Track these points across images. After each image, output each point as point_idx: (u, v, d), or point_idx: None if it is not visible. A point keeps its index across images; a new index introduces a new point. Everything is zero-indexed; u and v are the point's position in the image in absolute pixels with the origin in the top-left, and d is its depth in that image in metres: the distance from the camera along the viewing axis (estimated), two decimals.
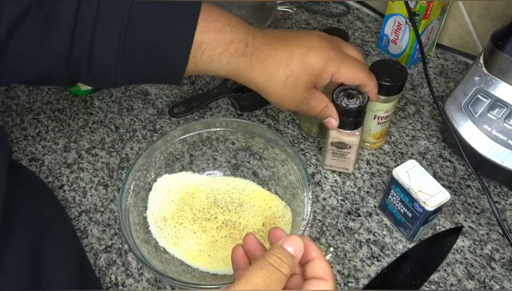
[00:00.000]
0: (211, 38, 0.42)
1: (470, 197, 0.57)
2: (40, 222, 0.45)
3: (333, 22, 0.82)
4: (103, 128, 0.65)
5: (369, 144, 0.61)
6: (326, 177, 0.59)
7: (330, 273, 0.34)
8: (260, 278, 0.31)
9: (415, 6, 0.65)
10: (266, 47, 0.45)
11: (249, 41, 0.44)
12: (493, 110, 0.53)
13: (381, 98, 0.54)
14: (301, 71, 0.45)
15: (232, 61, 0.43)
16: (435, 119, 0.65)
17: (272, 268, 0.31)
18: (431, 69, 0.73)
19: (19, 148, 0.63)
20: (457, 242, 0.52)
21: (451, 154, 0.61)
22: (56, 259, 0.43)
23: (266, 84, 0.45)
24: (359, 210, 0.56)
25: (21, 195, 0.45)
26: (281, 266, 0.32)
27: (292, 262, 0.33)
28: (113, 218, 0.55)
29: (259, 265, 0.31)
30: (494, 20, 0.66)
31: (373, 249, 0.52)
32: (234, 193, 0.55)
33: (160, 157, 0.54)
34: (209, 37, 0.42)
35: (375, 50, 0.76)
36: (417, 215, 0.48)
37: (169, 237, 0.51)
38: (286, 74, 0.45)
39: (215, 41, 0.42)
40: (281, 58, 0.44)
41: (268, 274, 0.31)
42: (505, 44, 0.51)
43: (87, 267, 0.49)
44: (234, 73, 0.45)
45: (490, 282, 0.49)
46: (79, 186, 0.59)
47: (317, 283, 0.33)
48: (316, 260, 0.34)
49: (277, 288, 0.31)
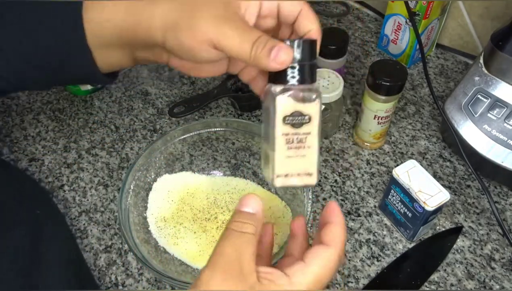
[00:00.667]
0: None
1: (470, 197, 0.57)
2: (33, 221, 0.45)
3: (333, 22, 0.82)
4: (103, 128, 0.65)
5: (369, 144, 0.61)
6: (326, 177, 0.59)
7: (338, 240, 0.32)
8: (230, 247, 0.30)
9: (415, 6, 0.65)
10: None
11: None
12: (493, 110, 0.53)
13: (381, 98, 0.54)
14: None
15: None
16: (435, 119, 0.65)
17: (236, 233, 0.31)
18: (431, 69, 0.73)
19: (19, 148, 0.63)
20: (457, 242, 0.52)
21: (451, 154, 0.61)
22: (50, 260, 0.43)
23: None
24: (359, 210, 0.56)
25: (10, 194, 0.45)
26: (244, 228, 0.31)
27: (253, 218, 0.32)
28: (113, 218, 0.55)
29: (224, 236, 0.31)
30: (494, 20, 0.66)
31: (373, 249, 0.52)
32: (234, 193, 0.55)
33: (160, 157, 0.54)
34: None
35: (375, 50, 0.76)
36: (417, 215, 0.48)
37: (169, 237, 0.51)
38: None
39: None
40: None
41: (234, 240, 0.31)
42: (505, 44, 0.51)
43: (83, 267, 0.49)
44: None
45: (490, 282, 0.49)
46: (79, 186, 0.59)
47: (317, 250, 0.32)
48: (330, 225, 0.33)
49: (249, 249, 0.30)
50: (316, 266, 0.31)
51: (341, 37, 0.62)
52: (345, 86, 0.65)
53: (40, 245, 0.43)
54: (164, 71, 0.73)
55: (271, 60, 0.32)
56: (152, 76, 0.73)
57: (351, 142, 0.63)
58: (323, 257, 0.31)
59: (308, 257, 0.31)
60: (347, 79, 0.71)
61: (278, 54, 0.32)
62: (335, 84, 0.57)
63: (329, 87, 0.57)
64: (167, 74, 0.73)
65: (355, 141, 0.63)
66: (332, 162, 0.61)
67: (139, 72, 0.73)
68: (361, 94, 0.69)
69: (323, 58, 0.62)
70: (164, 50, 0.37)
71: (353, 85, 0.70)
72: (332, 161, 0.61)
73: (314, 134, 0.34)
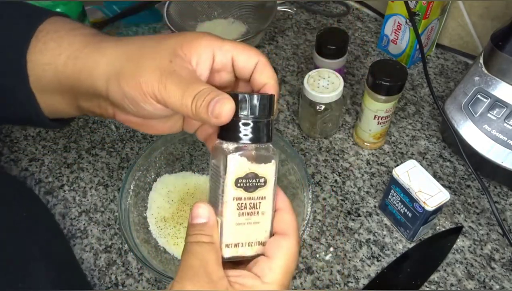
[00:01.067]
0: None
1: (470, 197, 0.57)
2: (19, 223, 0.45)
3: (333, 22, 0.82)
4: (103, 128, 0.65)
5: (369, 144, 0.61)
6: (326, 177, 0.59)
7: (292, 227, 0.32)
8: (193, 259, 0.30)
9: (415, 6, 0.65)
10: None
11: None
12: (493, 110, 0.53)
13: (381, 98, 0.54)
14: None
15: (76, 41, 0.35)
16: (435, 119, 0.65)
17: (195, 245, 0.30)
18: (431, 69, 0.73)
19: (19, 148, 0.63)
20: (457, 242, 0.52)
21: (451, 154, 0.61)
22: (35, 260, 0.42)
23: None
24: (359, 210, 0.56)
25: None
26: (201, 238, 0.30)
27: (206, 227, 0.31)
28: (113, 218, 0.55)
29: (185, 250, 0.31)
30: (494, 20, 0.66)
31: (373, 249, 0.52)
32: None
33: (160, 157, 0.54)
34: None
35: (375, 50, 0.76)
36: (417, 215, 0.48)
37: (169, 237, 0.51)
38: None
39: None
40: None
41: (195, 251, 0.30)
42: (505, 44, 0.51)
43: (74, 267, 0.49)
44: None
45: (490, 282, 0.49)
46: (79, 186, 0.59)
47: (277, 242, 0.31)
48: (280, 213, 0.32)
49: (212, 256, 0.30)
50: (280, 259, 0.31)
51: (341, 37, 0.62)
52: (345, 86, 0.65)
53: (26, 246, 0.43)
54: None
55: (209, 113, 0.29)
56: None
57: (351, 142, 0.63)
58: (285, 247, 0.31)
59: (270, 250, 0.31)
60: (347, 79, 0.71)
61: (215, 107, 0.29)
62: (335, 84, 0.57)
63: (329, 87, 0.57)
64: None
65: (355, 141, 0.63)
66: (332, 162, 0.61)
67: None
68: (361, 94, 0.69)
69: (323, 58, 0.62)
70: (109, 103, 0.35)
71: (353, 85, 0.70)
72: (332, 161, 0.61)
73: (269, 199, 0.31)
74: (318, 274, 0.50)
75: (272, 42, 0.78)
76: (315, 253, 0.52)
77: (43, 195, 0.58)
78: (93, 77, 0.33)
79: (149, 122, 0.36)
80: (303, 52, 0.76)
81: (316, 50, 0.63)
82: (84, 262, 0.52)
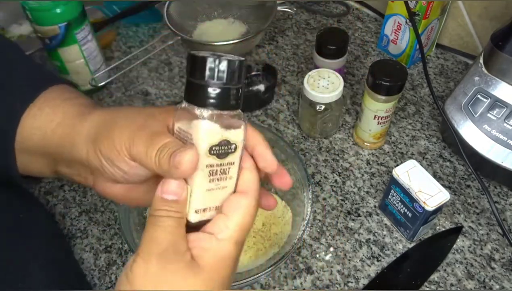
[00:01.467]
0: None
1: (470, 197, 0.57)
2: (19, 221, 0.45)
3: (333, 22, 0.82)
4: None
5: (369, 144, 0.61)
6: (326, 177, 0.59)
7: (253, 186, 0.31)
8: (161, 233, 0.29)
9: (415, 6, 0.65)
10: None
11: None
12: (493, 110, 0.53)
13: (381, 98, 0.54)
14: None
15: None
16: (435, 119, 0.65)
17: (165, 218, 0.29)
18: (431, 69, 0.73)
19: None
20: (457, 242, 0.52)
21: (451, 154, 0.61)
22: (31, 259, 0.43)
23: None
24: (359, 210, 0.56)
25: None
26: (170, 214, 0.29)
27: (176, 204, 0.29)
28: (113, 218, 0.55)
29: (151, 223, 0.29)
30: (494, 20, 0.66)
31: (373, 249, 0.52)
32: None
33: None
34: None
35: (375, 50, 0.76)
36: (417, 215, 0.48)
37: None
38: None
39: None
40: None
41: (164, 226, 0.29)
42: (505, 44, 0.51)
43: (72, 266, 0.49)
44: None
45: (490, 282, 0.49)
46: (79, 185, 0.59)
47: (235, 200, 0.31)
48: (241, 171, 0.32)
49: (180, 230, 0.29)
50: (237, 216, 0.30)
51: (341, 37, 0.62)
52: (345, 86, 0.65)
53: (26, 246, 0.43)
54: (164, 71, 0.73)
55: (171, 165, 0.28)
56: (152, 76, 0.73)
57: (351, 142, 0.63)
58: (243, 205, 0.31)
59: (228, 208, 0.31)
60: (347, 79, 0.71)
61: (175, 156, 0.28)
62: (335, 84, 0.57)
63: (329, 87, 0.57)
64: (167, 74, 0.73)
65: (355, 141, 0.63)
66: (332, 162, 0.61)
67: (139, 72, 0.73)
68: (361, 94, 0.69)
69: (323, 58, 0.62)
70: (89, 172, 0.36)
71: (353, 85, 0.70)
72: (332, 161, 0.61)
73: (237, 163, 0.31)
74: (318, 274, 0.50)
75: (272, 42, 0.78)
76: (315, 253, 0.52)
77: (43, 195, 0.58)
78: (75, 143, 0.35)
79: (129, 193, 0.37)
80: (303, 52, 0.76)
81: (316, 50, 0.63)
82: (84, 262, 0.52)
